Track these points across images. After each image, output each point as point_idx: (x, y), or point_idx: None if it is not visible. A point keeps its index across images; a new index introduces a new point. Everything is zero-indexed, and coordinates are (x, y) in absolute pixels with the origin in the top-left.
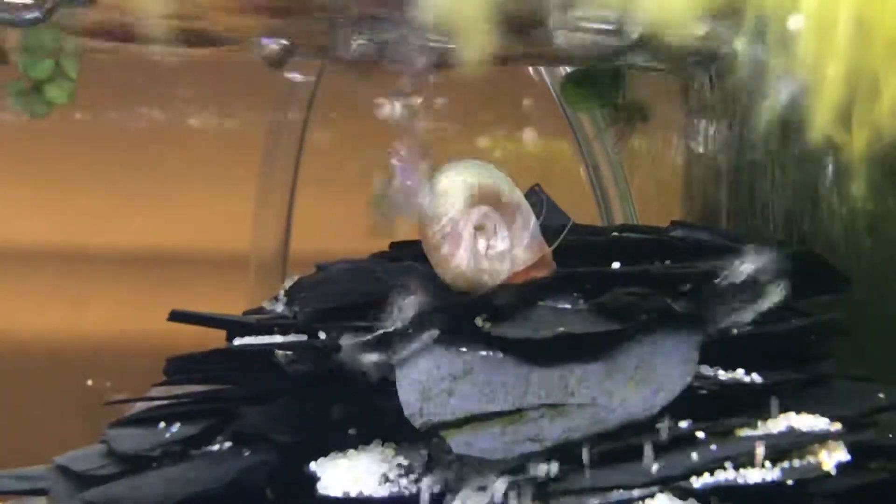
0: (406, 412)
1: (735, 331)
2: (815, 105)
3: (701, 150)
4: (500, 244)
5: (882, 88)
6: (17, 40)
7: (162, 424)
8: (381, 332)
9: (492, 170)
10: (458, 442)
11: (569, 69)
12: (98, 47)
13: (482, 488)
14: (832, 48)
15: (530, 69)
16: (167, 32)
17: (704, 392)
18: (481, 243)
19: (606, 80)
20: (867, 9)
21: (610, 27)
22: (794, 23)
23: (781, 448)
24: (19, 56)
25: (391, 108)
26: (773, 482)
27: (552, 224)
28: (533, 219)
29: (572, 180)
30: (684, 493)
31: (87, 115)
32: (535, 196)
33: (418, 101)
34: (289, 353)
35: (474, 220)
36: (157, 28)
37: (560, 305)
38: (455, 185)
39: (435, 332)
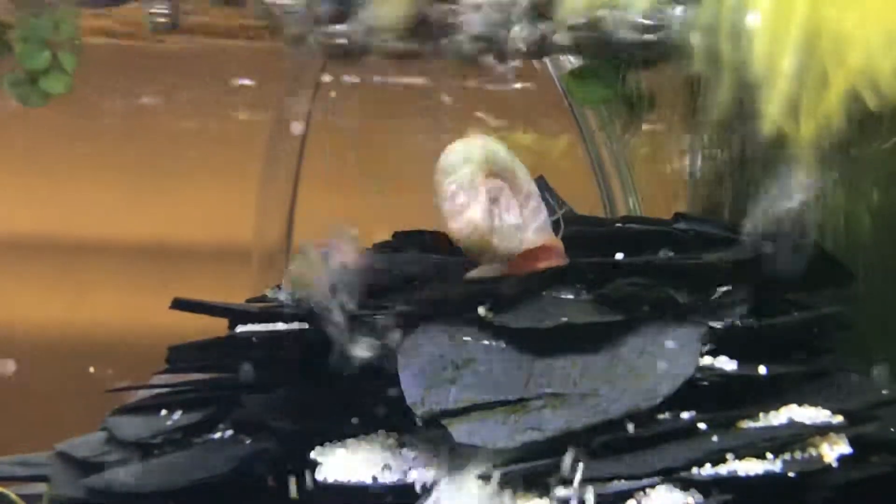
0: (408, 401)
1: (738, 323)
2: (768, 98)
3: (704, 144)
4: (512, 219)
5: (829, 82)
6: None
7: (163, 412)
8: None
9: (511, 152)
10: (460, 431)
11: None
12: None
13: (480, 477)
14: (786, 43)
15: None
16: None
17: (706, 384)
18: (494, 211)
19: (611, 74)
20: (817, 4)
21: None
22: (752, 19)
23: (783, 440)
24: (18, 46)
25: None
26: (774, 474)
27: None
28: (545, 209)
29: (574, 174)
30: (685, 484)
31: (89, 106)
32: (540, 188)
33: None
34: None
35: (490, 188)
36: None
37: (563, 296)
38: (474, 145)
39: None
